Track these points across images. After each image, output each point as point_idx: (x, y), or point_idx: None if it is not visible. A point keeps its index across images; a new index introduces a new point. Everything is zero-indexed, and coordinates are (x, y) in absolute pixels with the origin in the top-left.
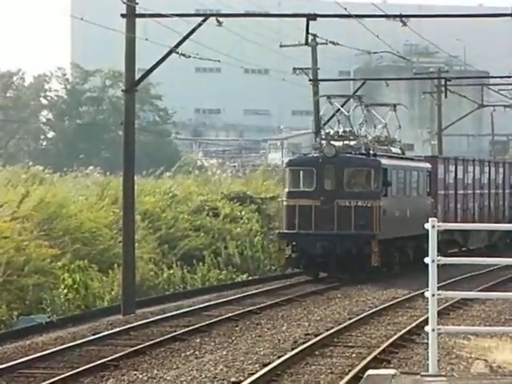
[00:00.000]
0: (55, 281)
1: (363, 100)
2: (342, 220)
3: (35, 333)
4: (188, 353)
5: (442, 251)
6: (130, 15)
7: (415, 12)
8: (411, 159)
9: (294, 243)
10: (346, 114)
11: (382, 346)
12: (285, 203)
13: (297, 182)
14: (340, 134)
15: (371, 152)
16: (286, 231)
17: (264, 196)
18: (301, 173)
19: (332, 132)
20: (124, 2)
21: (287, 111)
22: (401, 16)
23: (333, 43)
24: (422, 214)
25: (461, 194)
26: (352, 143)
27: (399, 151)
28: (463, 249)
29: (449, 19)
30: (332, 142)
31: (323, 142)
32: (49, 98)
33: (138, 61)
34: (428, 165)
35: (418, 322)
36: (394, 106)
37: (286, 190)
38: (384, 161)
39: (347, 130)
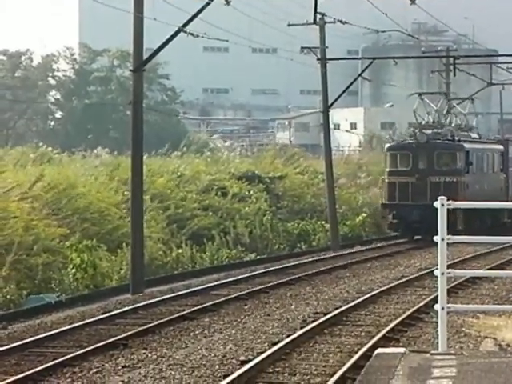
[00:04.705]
0: (64, 260)
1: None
2: (433, 193)
3: (44, 312)
4: (197, 332)
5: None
6: None
7: None
8: (487, 142)
9: (394, 212)
10: (435, 107)
11: (391, 325)
12: (386, 180)
13: (395, 163)
14: (430, 123)
15: (455, 138)
16: (387, 202)
17: (272, 175)
18: (398, 156)
19: (423, 122)
20: None
21: (295, 90)
22: None
23: (341, 22)
24: (497, 187)
25: None
26: (440, 131)
27: (477, 136)
28: None
29: None
30: (424, 131)
31: (416, 130)
32: (57, 78)
33: (145, 40)
34: (501, 146)
35: (426, 300)
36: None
37: (387, 169)
38: (466, 144)
39: (435, 120)
